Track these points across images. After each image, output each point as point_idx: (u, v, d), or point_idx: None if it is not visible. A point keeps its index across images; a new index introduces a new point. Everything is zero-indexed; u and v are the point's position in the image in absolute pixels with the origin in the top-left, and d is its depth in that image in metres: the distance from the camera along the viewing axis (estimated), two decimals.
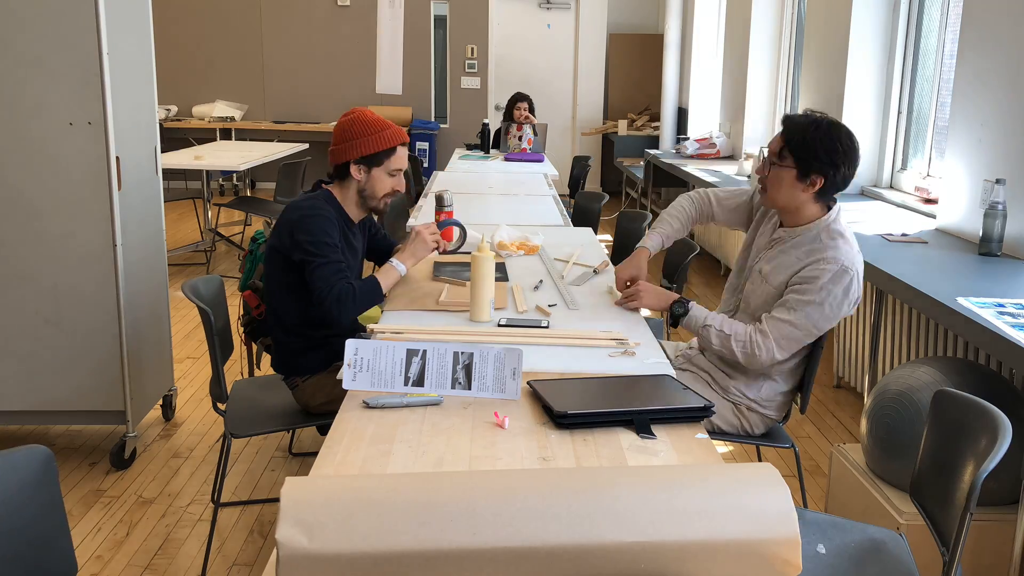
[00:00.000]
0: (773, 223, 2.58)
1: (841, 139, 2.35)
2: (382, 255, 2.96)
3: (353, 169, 2.63)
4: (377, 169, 2.64)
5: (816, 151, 2.34)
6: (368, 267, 2.98)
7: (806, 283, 2.35)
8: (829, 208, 2.45)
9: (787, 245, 2.46)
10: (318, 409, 2.68)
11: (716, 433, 2.55)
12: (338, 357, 2.68)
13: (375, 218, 2.99)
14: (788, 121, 2.43)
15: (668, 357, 2.20)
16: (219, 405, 2.68)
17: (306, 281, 2.55)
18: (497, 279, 2.86)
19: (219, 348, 2.62)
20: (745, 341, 2.39)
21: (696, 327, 2.48)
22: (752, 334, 2.39)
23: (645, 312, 2.67)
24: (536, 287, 2.85)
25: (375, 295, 2.59)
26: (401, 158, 2.68)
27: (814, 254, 2.37)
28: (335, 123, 2.87)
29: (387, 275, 2.66)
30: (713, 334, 2.43)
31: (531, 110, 7.03)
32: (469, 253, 2.58)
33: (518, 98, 7.01)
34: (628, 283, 2.66)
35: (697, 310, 2.49)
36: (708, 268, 6.78)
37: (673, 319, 2.51)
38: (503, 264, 3.11)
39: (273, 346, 2.77)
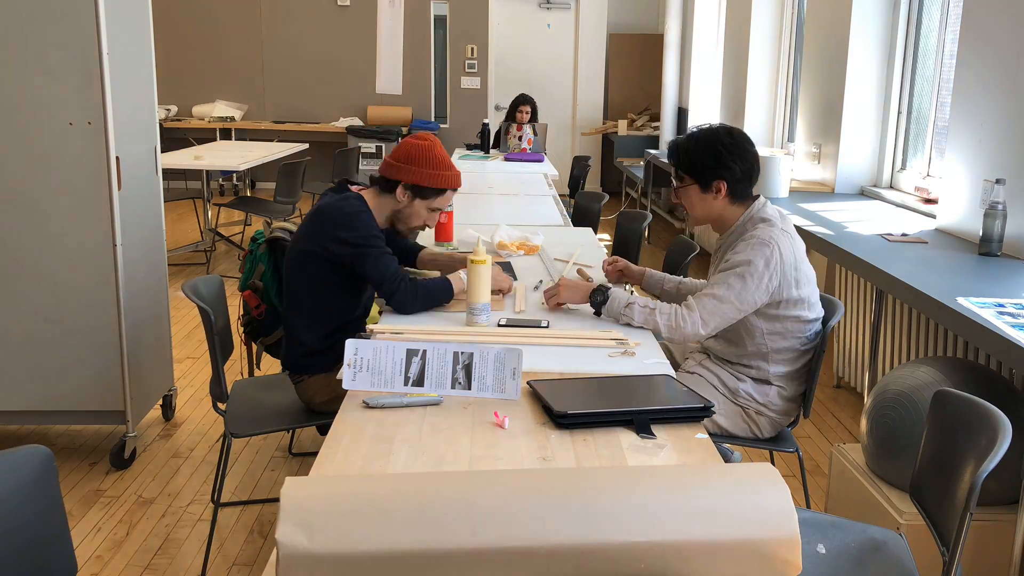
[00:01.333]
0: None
1: (721, 141, 2.46)
2: (404, 254, 2.96)
3: (399, 190, 2.61)
4: (421, 201, 2.63)
5: (704, 161, 2.46)
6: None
7: (727, 261, 2.43)
8: (750, 204, 2.52)
9: (722, 249, 2.56)
10: (321, 407, 2.68)
11: (725, 436, 2.55)
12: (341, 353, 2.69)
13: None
14: (672, 145, 2.56)
15: (674, 360, 2.20)
16: (219, 405, 2.68)
17: (343, 280, 2.57)
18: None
19: (219, 348, 2.62)
20: (669, 314, 2.40)
21: (618, 309, 2.45)
22: (678, 308, 2.41)
23: (574, 307, 2.63)
24: (536, 287, 2.85)
25: (441, 294, 2.58)
26: (447, 200, 2.68)
27: (743, 237, 2.46)
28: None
29: (455, 282, 2.64)
30: (636, 310, 2.42)
31: (534, 113, 7.03)
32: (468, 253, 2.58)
33: (522, 100, 7.01)
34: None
35: (618, 292, 2.49)
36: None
37: (595, 308, 2.50)
38: (509, 264, 3.11)
39: (285, 344, 2.76)
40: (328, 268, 2.59)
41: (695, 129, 2.53)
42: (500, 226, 3.52)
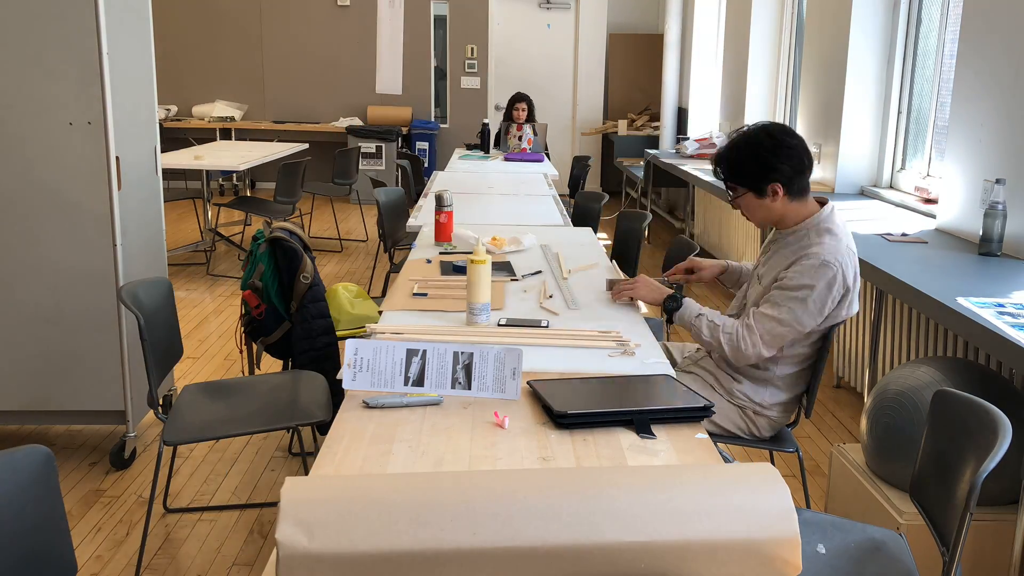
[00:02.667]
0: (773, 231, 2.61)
1: (762, 143, 2.39)
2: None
3: None
4: None
5: (751, 168, 2.40)
6: None
7: (789, 279, 2.37)
8: (821, 205, 2.46)
9: (779, 245, 2.49)
10: None
11: (724, 436, 2.55)
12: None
13: None
14: (715, 159, 2.50)
15: (673, 359, 2.20)
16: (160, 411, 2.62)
17: None
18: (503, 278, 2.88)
19: (151, 354, 2.53)
20: (732, 334, 2.41)
21: (689, 318, 2.49)
22: (739, 328, 2.41)
23: (643, 309, 2.69)
24: (532, 274, 2.85)
25: None
26: None
27: (800, 251, 2.39)
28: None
29: None
30: (704, 323, 2.45)
31: (531, 111, 7.04)
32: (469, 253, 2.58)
33: (517, 98, 7.01)
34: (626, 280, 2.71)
35: (690, 304, 2.52)
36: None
37: (667, 313, 2.53)
38: (509, 264, 3.11)
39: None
40: None
41: (734, 135, 2.48)
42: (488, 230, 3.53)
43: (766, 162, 2.38)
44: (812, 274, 2.33)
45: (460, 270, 2.99)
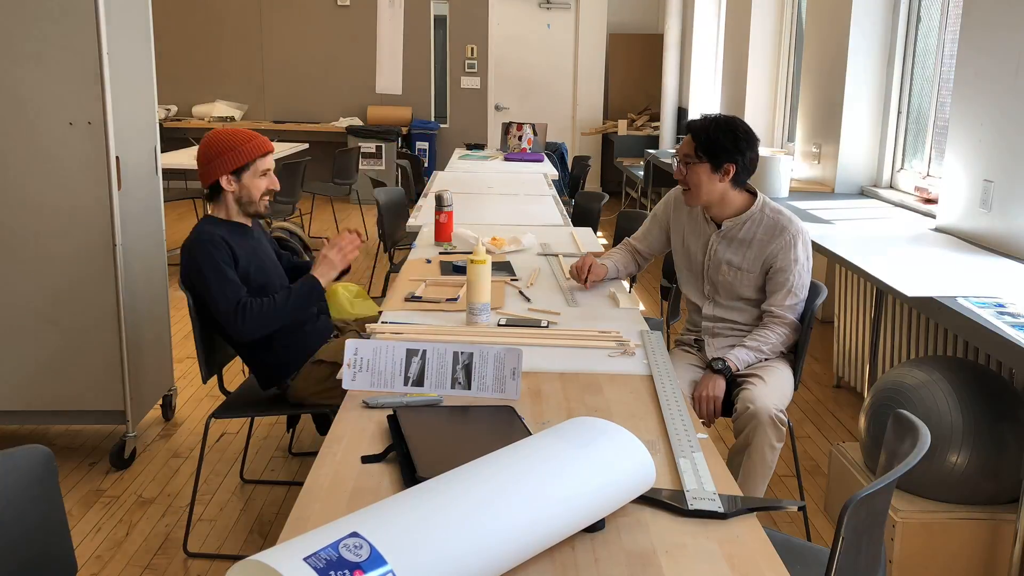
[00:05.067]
0: (697, 223, 2.80)
1: (738, 128, 2.64)
2: (298, 273, 2.89)
3: (224, 183, 2.67)
4: (247, 175, 2.69)
5: (722, 143, 2.62)
6: None
7: (783, 259, 2.65)
8: (754, 195, 2.72)
9: (743, 233, 2.71)
10: (315, 399, 2.69)
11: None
12: (308, 344, 2.70)
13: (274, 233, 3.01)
14: (691, 124, 2.71)
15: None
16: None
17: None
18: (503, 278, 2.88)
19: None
20: (775, 340, 2.66)
21: (755, 360, 2.66)
22: (778, 330, 2.66)
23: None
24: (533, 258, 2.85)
25: (281, 313, 2.58)
26: (267, 160, 2.73)
27: (773, 230, 2.67)
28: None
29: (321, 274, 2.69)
30: (755, 358, 2.65)
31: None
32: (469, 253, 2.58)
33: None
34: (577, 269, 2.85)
35: (739, 354, 2.64)
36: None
37: (728, 375, 2.63)
38: (509, 263, 3.11)
39: (251, 371, 2.79)
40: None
41: (711, 114, 2.71)
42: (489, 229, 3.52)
43: (735, 143, 2.62)
44: (798, 247, 2.65)
45: (460, 270, 2.99)
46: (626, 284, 3.02)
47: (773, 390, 2.54)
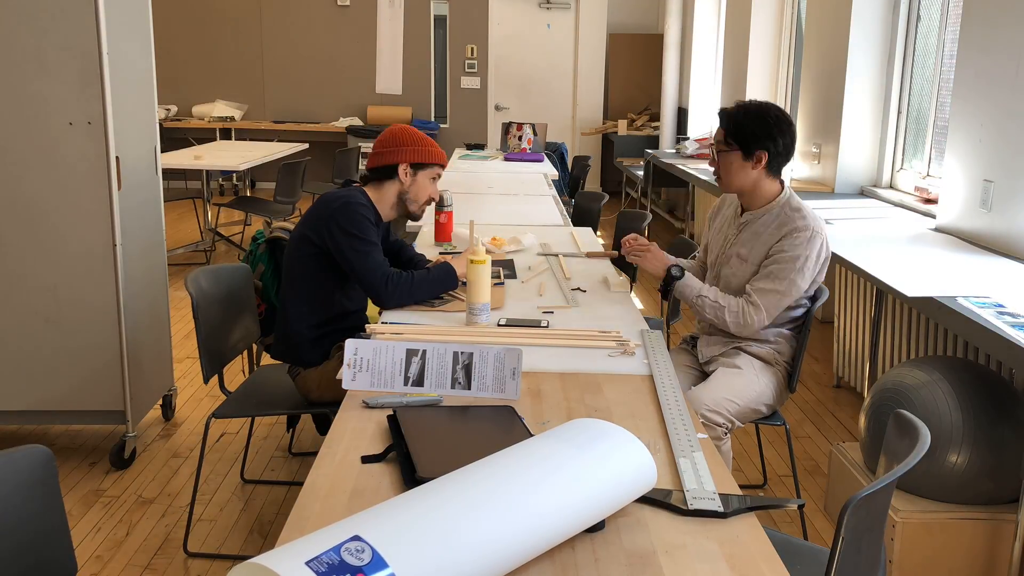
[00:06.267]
0: (729, 214, 2.79)
1: (770, 114, 2.59)
2: (399, 265, 2.96)
3: (401, 171, 2.70)
4: (423, 174, 2.73)
5: (752, 130, 2.58)
6: None
7: (785, 252, 2.57)
8: (782, 186, 2.68)
9: (756, 226, 2.67)
10: (318, 398, 2.69)
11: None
12: (340, 341, 2.70)
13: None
14: (723, 113, 2.67)
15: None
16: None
17: (336, 271, 2.62)
18: (505, 276, 2.89)
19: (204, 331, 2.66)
20: (738, 312, 2.59)
21: (691, 296, 2.65)
22: (744, 305, 2.59)
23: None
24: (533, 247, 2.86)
25: (419, 288, 2.61)
26: (441, 171, 2.81)
27: (785, 226, 2.60)
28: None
29: (458, 265, 2.71)
30: (708, 304, 2.62)
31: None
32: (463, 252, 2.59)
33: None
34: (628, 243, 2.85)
35: (692, 279, 2.66)
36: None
37: (668, 280, 2.65)
38: (511, 262, 3.11)
39: (281, 336, 2.77)
40: (324, 255, 2.63)
41: (744, 102, 2.66)
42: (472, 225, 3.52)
43: (767, 129, 2.57)
44: (805, 244, 2.56)
45: None
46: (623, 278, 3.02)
47: (718, 389, 2.54)
